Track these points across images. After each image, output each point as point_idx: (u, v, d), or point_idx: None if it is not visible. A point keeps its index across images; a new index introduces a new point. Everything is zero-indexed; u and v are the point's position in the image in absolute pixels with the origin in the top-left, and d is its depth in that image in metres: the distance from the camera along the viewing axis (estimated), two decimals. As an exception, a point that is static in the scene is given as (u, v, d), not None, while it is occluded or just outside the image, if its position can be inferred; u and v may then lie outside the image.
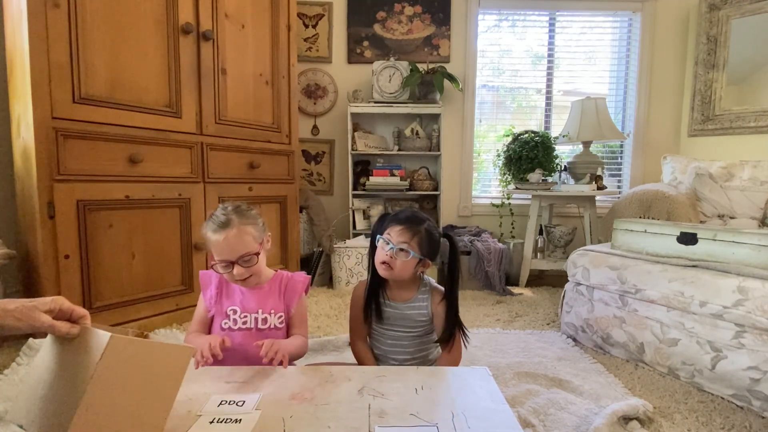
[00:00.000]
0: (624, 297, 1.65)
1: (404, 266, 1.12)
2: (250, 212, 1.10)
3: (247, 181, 2.23)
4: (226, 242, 1.03)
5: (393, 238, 1.12)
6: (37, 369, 0.74)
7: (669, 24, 3.12)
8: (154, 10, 1.81)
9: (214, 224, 1.05)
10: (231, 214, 1.06)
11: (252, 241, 1.06)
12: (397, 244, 1.10)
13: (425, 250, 1.13)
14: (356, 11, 3.09)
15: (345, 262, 2.65)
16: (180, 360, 0.76)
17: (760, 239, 1.38)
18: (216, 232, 1.04)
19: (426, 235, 1.13)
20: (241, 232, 1.04)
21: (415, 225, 1.12)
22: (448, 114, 3.12)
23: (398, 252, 1.10)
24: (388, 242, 1.12)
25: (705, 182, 2.38)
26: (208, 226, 1.06)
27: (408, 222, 1.13)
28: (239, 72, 2.18)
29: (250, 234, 1.06)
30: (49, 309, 0.69)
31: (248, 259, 1.05)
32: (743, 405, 1.31)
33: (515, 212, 3.14)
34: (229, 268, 1.04)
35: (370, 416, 0.78)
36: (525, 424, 1.15)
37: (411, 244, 1.11)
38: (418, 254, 1.12)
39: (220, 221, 1.04)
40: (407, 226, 1.12)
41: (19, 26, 1.56)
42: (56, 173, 1.57)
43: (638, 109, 3.18)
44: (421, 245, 1.12)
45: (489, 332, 1.94)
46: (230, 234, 1.03)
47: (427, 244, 1.13)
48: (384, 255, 1.12)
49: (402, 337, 1.19)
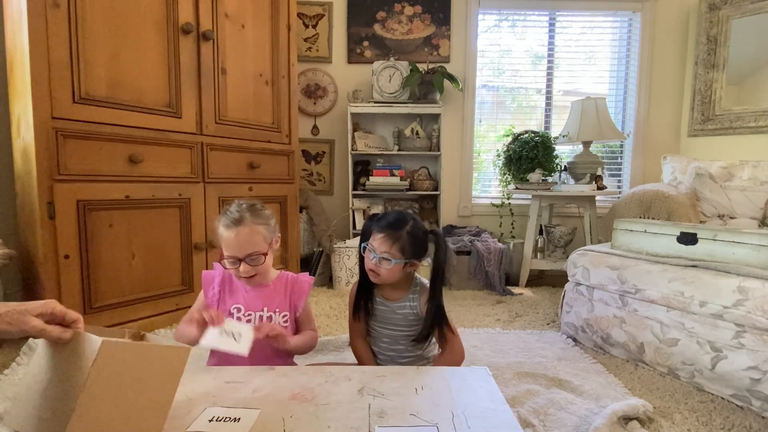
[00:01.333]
0: (624, 297, 1.65)
1: (389, 273, 1.12)
2: (264, 212, 1.12)
3: (247, 181, 2.23)
4: (236, 239, 1.04)
5: (375, 247, 1.12)
6: (31, 374, 0.73)
7: (669, 24, 3.12)
8: (154, 10, 1.81)
9: (227, 220, 1.06)
10: (245, 212, 1.07)
11: (261, 241, 1.07)
12: (379, 253, 1.11)
13: (409, 253, 1.12)
14: (356, 11, 3.09)
15: (345, 262, 2.65)
16: (176, 361, 0.75)
17: (760, 239, 1.38)
18: (228, 228, 1.05)
19: (408, 239, 1.11)
20: (252, 231, 1.06)
21: (396, 230, 1.11)
22: (448, 114, 3.12)
23: (381, 261, 1.11)
24: (372, 251, 1.12)
25: (705, 182, 2.38)
26: (221, 220, 1.07)
27: (388, 228, 1.12)
28: (239, 72, 2.18)
29: (261, 234, 1.07)
30: (41, 313, 0.68)
31: (256, 258, 1.06)
32: (743, 405, 1.31)
33: (515, 212, 3.14)
34: (237, 264, 1.06)
35: (370, 416, 0.78)
36: (525, 424, 1.15)
37: (392, 252, 1.10)
38: (401, 260, 1.11)
39: (234, 218, 1.05)
40: (387, 234, 1.11)
41: (19, 26, 1.56)
42: (56, 173, 1.57)
43: (638, 109, 3.18)
44: (403, 250, 1.11)
45: (489, 332, 1.94)
46: (241, 231, 1.04)
47: (411, 246, 1.12)
48: (370, 263, 1.13)
49: (396, 336, 1.20)
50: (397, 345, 1.20)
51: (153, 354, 0.73)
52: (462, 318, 2.14)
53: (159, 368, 0.73)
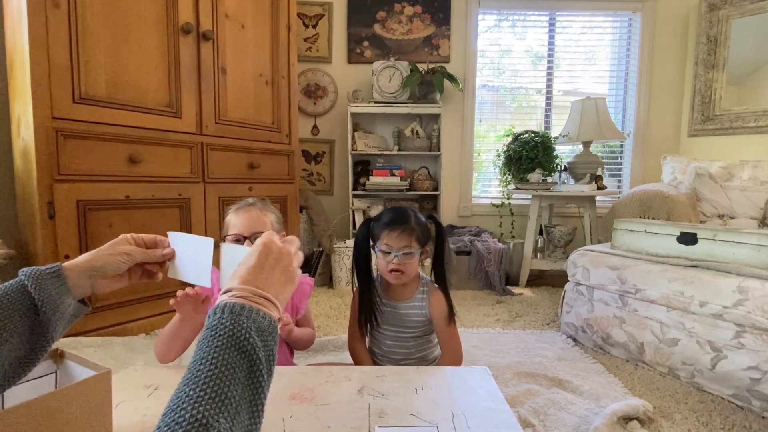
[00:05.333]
0: (624, 297, 1.65)
1: (413, 266, 1.13)
2: (273, 207, 1.17)
3: (247, 181, 2.23)
4: (247, 216, 1.08)
5: (393, 245, 1.10)
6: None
7: (669, 24, 3.12)
8: (154, 10, 1.81)
9: (239, 204, 1.11)
10: (257, 201, 1.13)
11: (269, 226, 1.10)
12: (400, 250, 1.10)
13: (423, 241, 1.14)
14: (356, 11, 3.09)
15: (345, 262, 2.65)
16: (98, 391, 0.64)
17: (760, 239, 1.38)
18: (238, 210, 1.10)
19: (418, 227, 1.13)
20: (262, 214, 1.10)
21: (407, 223, 1.12)
22: (448, 114, 3.12)
23: (403, 257, 1.10)
24: (389, 251, 1.11)
25: (705, 182, 2.38)
26: (232, 208, 1.12)
27: (400, 224, 1.11)
28: (239, 72, 2.18)
29: (269, 220, 1.10)
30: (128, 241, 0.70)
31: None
32: (743, 405, 1.31)
33: (515, 212, 3.14)
34: (240, 243, 1.05)
35: (370, 416, 0.78)
36: (525, 424, 1.15)
37: (412, 245, 1.11)
38: (419, 249, 1.12)
39: (246, 202, 1.11)
40: (402, 228, 1.11)
41: (19, 26, 1.56)
42: (56, 173, 1.57)
43: (638, 109, 3.18)
44: (419, 239, 1.12)
45: (489, 332, 1.94)
46: (252, 211, 1.09)
47: (421, 234, 1.13)
48: (390, 264, 1.11)
49: (401, 338, 1.19)
50: (402, 347, 1.19)
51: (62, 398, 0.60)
52: (462, 318, 2.14)
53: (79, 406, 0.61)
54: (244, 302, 0.47)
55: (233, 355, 0.42)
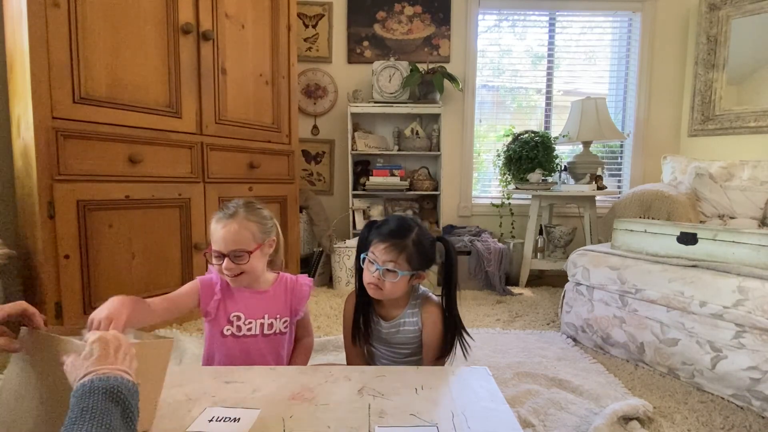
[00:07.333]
0: (624, 297, 1.65)
1: (394, 287, 1.00)
2: (261, 211, 1.09)
3: (247, 181, 2.23)
4: (223, 232, 1.02)
5: (378, 256, 0.99)
6: (9, 385, 0.69)
7: (669, 24, 3.12)
8: (154, 10, 1.81)
9: (220, 213, 1.05)
10: (240, 207, 1.05)
11: (249, 239, 1.03)
12: (383, 264, 0.99)
13: (416, 264, 1.01)
14: (356, 11, 3.09)
15: (345, 262, 2.65)
16: (160, 356, 0.73)
17: (760, 239, 1.38)
18: (219, 221, 1.04)
19: (415, 248, 1.00)
20: (241, 227, 1.03)
21: (401, 238, 1.00)
22: (448, 114, 3.12)
23: (385, 273, 0.99)
24: (374, 261, 1.00)
25: (705, 182, 2.38)
26: (216, 214, 1.07)
27: (392, 236, 1.00)
28: (239, 72, 2.18)
29: (250, 231, 1.04)
30: (9, 314, 0.68)
31: (239, 255, 1.02)
32: (743, 405, 1.31)
33: (515, 212, 3.14)
34: (221, 260, 1.02)
35: (370, 416, 0.78)
36: (525, 424, 1.15)
37: (398, 263, 0.99)
38: (408, 271, 1.00)
39: (227, 212, 1.04)
40: (392, 242, 0.99)
41: (19, 26, 1.56)
42: (56, 173, 1.57)
43: (638, 109, 3.18)
44: (410, 260, 1.00)
45: (489, 332, 1.94)
46: (230, 226, 1.02)
47: (417, 256, 1.00)
48: (371, 276, 1.01)
49: (396, 358, 1.12)
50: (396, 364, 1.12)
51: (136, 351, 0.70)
52: (462, 318, 2.13)
53: (143, 364, 0.70)
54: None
55: (108, 404, 0.53)
